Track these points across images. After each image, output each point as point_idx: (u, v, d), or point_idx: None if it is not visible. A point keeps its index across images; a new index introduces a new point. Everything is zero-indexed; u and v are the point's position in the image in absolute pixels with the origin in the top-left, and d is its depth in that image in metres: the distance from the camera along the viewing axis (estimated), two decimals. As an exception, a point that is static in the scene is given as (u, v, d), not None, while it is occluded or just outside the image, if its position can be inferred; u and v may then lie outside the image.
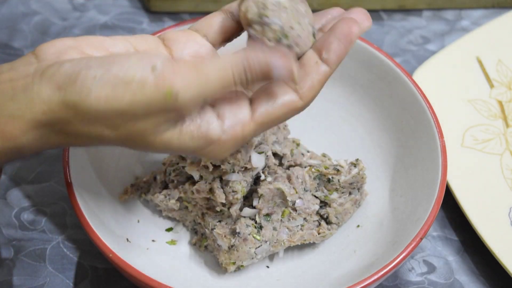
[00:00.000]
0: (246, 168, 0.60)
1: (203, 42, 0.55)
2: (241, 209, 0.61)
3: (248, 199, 0.62)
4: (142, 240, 0.63)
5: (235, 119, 0.50)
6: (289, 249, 0.63)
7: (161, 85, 0.46)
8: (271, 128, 0.53)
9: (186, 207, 0.63)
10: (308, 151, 0.66)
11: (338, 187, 0.62)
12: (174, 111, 0.47)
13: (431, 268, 0.66)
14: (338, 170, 0.62)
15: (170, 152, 0.50)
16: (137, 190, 0.64)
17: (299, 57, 0.53)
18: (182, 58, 0.52)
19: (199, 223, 0.63)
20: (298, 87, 0.51)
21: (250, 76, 0.48)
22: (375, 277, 0.54)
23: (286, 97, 0.51)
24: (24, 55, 0.50)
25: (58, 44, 0.50)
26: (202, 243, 0.63)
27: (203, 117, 0.49)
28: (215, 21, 0.56)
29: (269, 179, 0.61)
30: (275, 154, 0.64)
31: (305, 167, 0.63)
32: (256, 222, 0.60)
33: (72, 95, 0.46)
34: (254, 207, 0.61)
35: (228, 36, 0.56)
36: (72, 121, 0.47)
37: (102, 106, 0.46)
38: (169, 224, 0.65)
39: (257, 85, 0.50)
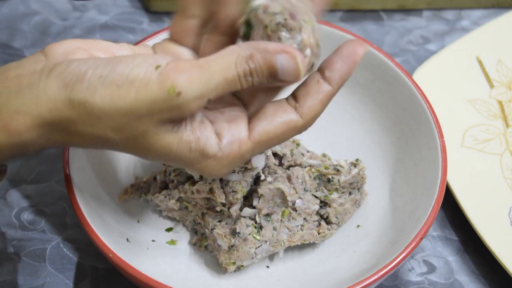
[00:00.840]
0: (246, 168, 0.61)
1: (193, 54, 0.56)
2: (241, 209, 0.61)
3: (248, 199, 0.62)
4: (142, 240, 0.63)
5: (232, 137, 0.49)
6: (289, 249, 0.63)
7: (164, 82, 0.46)
8: (271, 147, 0.52)
9: (186, 207, 0.63)
10: (308, 151, 0.66)
11: (338, 187, 0.62)
12: (176, 109, 0.47)
13: (431, 268, 0.66)
14: (338, 170, 0.62)
15: (168, 160, 0.50)
16: (137, 190, 0.64)
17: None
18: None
19: (199, 223, 0.63)
20: (298, 106, 0.51)
21: (256, 76, 0.48)
22: (375, 277, 0.54)
23: (284, 116, 0.50)
24: (34, 54, 0.50)
25: (67, 45, 0.50)
26: (202, 243, 0.63)
27: (203, 131, 0.49)
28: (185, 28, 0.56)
29: (269, 179, 0.61)
30: (275, 154, 0.64)
31: (305, 167, 0.63)
32: (256, 222, 0.60)
33: (79, 93, 0.46)
34: (254, 207, 0.61)
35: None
36: (77, 120, 0.47)
37: (107, 105, 0.46)
38: (169, 224, 0.65)
39: (263, 85, 0.50)
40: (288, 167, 0.64)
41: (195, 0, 0.55)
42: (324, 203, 0.63)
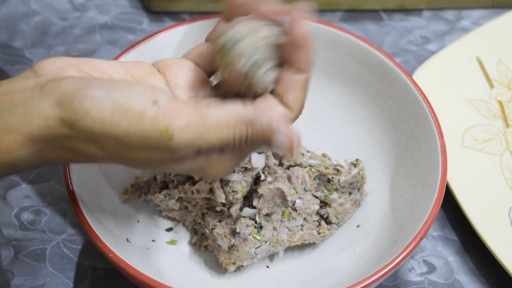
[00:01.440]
0: (246, 168, 0.61)
1: (196, 69, 0.55)
2: (241, 209, 0.61)
3: (248, 199, 0.62)
4: (142, 240, 0.63)
5: None
6: (289, 249, 0.63)
7: (159, 121, 0.46)
8: None
9: (186, 207, 0.63)
10: (308, 151, 0.66)
11: (338, 187, 0.62)
12: (166, 151, 0.47)
13: (431, 268, 0.66)
14: (338, 170, 0.62)
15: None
16: (137, 190, 0.64)
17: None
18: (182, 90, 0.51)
19: (199, 223, 0.63)
20: (284, 101, 0.51)
21: (250, 141, 0.48)
22: (375, 277, 0.54)
23: (278, 109, 0.51)
24: (23, 72, 0.50)
25: (58, 62, 0.50)
26: (202, 243, 0.63)
27: None
28: (204, 51, 0.56)
29: (269, 179, 0.61)
30: (275, 154, 0.64)
31: (305, 167, 0.63)
32: (256, 222, 0.60)
33: (70, 113, 0.46)
34: (254, 207, 0.61)
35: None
36: (69, 136, 0.47)
37: (98, 129, 0.46)
38: (169, 224, 0.65)
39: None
40: (288, 167, 0.64)
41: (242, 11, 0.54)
42: (324, 203, 0.63)
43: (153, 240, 0.63)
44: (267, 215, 0.61)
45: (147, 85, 0.48)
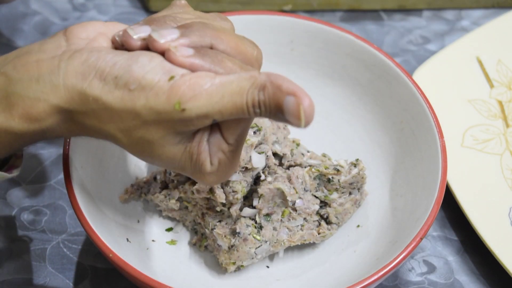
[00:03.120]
0: (246, 168, 0.61)
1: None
2: (241, 209, 0.61)
3: (248, 199, 0.62)
4: (142, 240, 0.63)
5: (217, 152, 0.50)
6: (289, 249, 0.63)
7: (172, 96, 0.47)
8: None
9: (186, 207, 0.63)
10: (308, 151, 0.66)
11: (338, 187, 0.62)
12: (180, 124, 0.47)
13: (431, 268, 0.66)
14: (338, 170, 0.62)
15: (172, 168, 0.51)
16: (137, 190, 0.64)
17: None
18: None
19: (199, 223, 0.63)
20: None
21: (264, 109, 0.47)
22: (375, 277, 0.54)
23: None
24: (56, 34, 0.51)
25: (89, 29, 0.51)
26: (202, 243, 0.63)
27: (205, 147, 0.49)
28: None
29: (269, 179, 0.61)
30: (275, 154, 0.64)
31: (305, 167, 0.63)
32: (256, 222, 0.60)
33: (94, 89, 0.47)
34: (254, 207, 0.61)
35: None
36: (90, 115, 0.48)
37: (118, 106, 0.47)
38: (169, 224, 0.65)
39: (273, 119, 0.49)
40: (288, 167, 0.64)
41: None
42: (324, 203, 0.63)
43: (153, 240, 0.63)
44: (267, 215, 0.61)
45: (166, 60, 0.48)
